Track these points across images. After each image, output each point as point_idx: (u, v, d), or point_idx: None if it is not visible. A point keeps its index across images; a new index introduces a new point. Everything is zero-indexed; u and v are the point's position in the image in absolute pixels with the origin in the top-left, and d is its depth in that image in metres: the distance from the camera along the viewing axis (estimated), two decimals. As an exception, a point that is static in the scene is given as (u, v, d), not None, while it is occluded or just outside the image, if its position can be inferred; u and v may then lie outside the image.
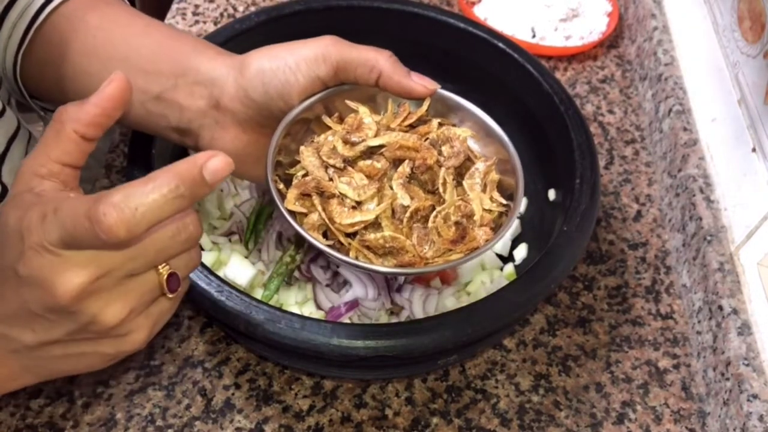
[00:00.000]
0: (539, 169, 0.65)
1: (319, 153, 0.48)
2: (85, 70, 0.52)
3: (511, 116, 0.67)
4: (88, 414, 0.56)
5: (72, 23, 0.53)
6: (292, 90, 0.48)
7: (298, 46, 0.49)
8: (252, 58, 0.49)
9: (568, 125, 0.59)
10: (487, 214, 0.48)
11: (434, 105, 0.51)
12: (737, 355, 0.57)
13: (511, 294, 0.51)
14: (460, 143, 0.49)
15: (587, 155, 0.58)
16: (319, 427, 0.56)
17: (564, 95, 0.62)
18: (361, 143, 0.47)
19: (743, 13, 0.68)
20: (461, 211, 0.47)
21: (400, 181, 0.47)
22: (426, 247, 0.46)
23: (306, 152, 0.48)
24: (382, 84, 0.49)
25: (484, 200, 0.48)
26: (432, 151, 0.48)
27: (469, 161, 0.49)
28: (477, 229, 0.47)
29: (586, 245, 0.55)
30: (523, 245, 0.65)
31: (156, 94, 0.50)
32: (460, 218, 0.46)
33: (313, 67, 0.48)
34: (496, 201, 0.48)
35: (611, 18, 0.91)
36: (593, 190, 0.56)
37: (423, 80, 0.49)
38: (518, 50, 0.65)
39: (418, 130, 0.50)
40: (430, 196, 0.47)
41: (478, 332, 0.49)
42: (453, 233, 0.46)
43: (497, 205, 0.48)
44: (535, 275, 0.51)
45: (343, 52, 0.48)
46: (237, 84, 0.49)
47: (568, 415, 0.59)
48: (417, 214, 0.46)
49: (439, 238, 0.46)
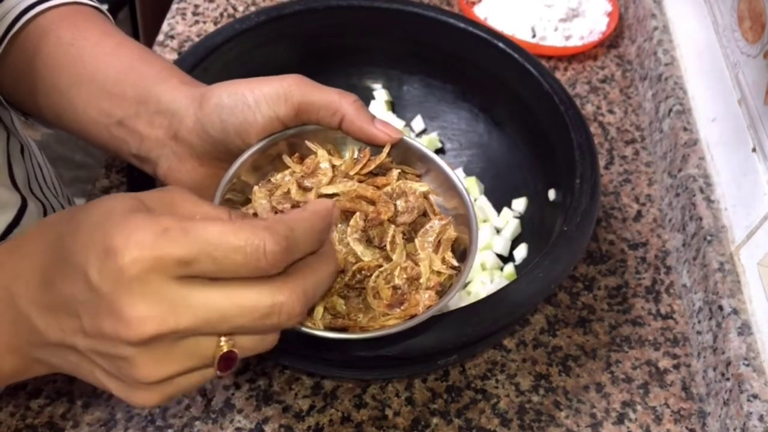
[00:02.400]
0: (539, 169, 0.65)
1: (271, 196, 0.46)
2: (55, 85, 0.51)
3: (512, 116, 0.68)
4: (88, 414, 0.56)
5: (46, 36, 0.52)
6: (250, 128, 0.47)
7: (261, 84, 0.47)
8: (212, 92, 0.47)
9: (568, 125, 0.59)
10: (435, 277, 0.45)
11: (400, 153, 0.49)
12: (737, 355, 0.57)
13: (511, 294, 0.50)
14: (416, 198, 0.47)
15: (587, 155, 0.58)
16: (319, 427, 0.56)
17: (564, 95, 0.62)
18: (313, 190, 0.46)
19: (743, 13, 0.68)
20: (407, 273, 0.44)
21: (355, 235, 0.44)
22: (360, 316, 0.43)
23: (258, 194, 0.46)
24: (344, 128, 0.47)
25: (435, 261, 0.45)
26: (389, 205, 0.46)
27: (424, 216, 0.47)
28: (422, 292, 0.44)
29: (586, 245, 0.55)
30: (523, 245, 0.65)
31: (119, 119, 0.49)
32: (404, 281, 0.44)
33: (273, 107, 0.46)
34: (447, 262, 0.46)
35: (611, 18, 0.91)
36: (593, 190, 0.56)
37: (386, 128, 0.48)
38: (518, 50, 0.65)
39: (376, 180, 0.48)
40: (377, 251, 0.45)
41: (478, 332, 0.49)
42: (390, 297, 0.44)
43: (447, 267, 0.45)
44: (535, 275, 0.51)
45: (306, 94, 0.46)
46: (195, 117, 0.47)
47: (568, 415, 0.59)
48: (360, 272, 0.44)
49: (375, 300, 0.44)
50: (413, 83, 0.73)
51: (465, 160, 0.72)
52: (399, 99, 0.73)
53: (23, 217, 0.57)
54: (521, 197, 0.67)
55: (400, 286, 0.44)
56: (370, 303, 0.44)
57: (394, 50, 0.71)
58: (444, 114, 0.72)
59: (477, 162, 0.71)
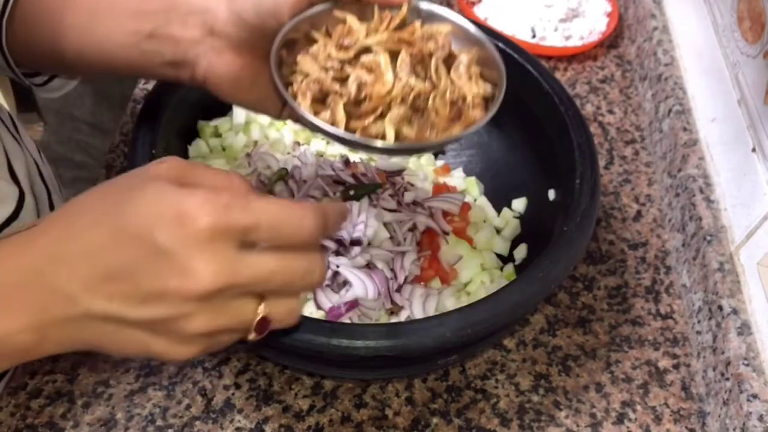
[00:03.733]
0: (539, 169, 0.65)
1: (316, 59, 0.50)
2: (73, 23, 0.53)
3: (512, 117, 0.67)
4: (89, 414, 0.56)
5: None
6: (282, 7, 0.49)
7: None
8: None
9: (568, 125, 0.59)
10: (477, 97, 0.50)
11: (413, 15, 0.53)
12: (737, 355, 0.57)
13: (511, 294, 0.50)
14: (444, 38, 0.52)
15: (587, 155, 0.58)
16: (319, 427, 0.56)
17: (564, 95, 0.62)
18: (356, 45, 0.49)
19: (743, 14, 0.68)
20: (455, 94, 0.49)
21: (406, 69, 0.49)
22: (428, 132, 0.48)
23: (304, 60, 0.50)
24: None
25: (472, 86, 0.51)
26: (425, 43, 0.50)
27: (451, 57, 0.52)
28: (470, 110, 0.50)
29: (586, 245, 0.55)
30: (523, 245, 0.65)
31: (149, 32, 0.51)
32: (456, 98, 0.49)
33: None
34: (482, 87, 0.51)
35: (611, 18, 0.91)
36: (593, 191, 0.56)
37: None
38: (518, 50, 0.65)
39: (404, 30, 0.52)
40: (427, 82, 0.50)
41: (478, 332, 0.49)
42: (450, 112, 0.49)
43: (484, 89, 0.51)
44: (535, 275, 0.51)
45: None
46: (228, 8, 0.50)
47: (568, 414, 0.59)
48: (419, 97, 0.48)
49: (437, 116, 0.48)
50: (413, 84, 0.73)
51: (465, 160, 0.72)
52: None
53: (22, 210, 0.58)
54: (521, 197, 0.67)
55: (456, 101, 0.49)
56: (433, 120, 0.48)
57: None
58: (444, 114, 0.73)
59: (477, 162, 0.71)
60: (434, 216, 0.65)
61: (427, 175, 0.70)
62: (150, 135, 0.57)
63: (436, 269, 0.62)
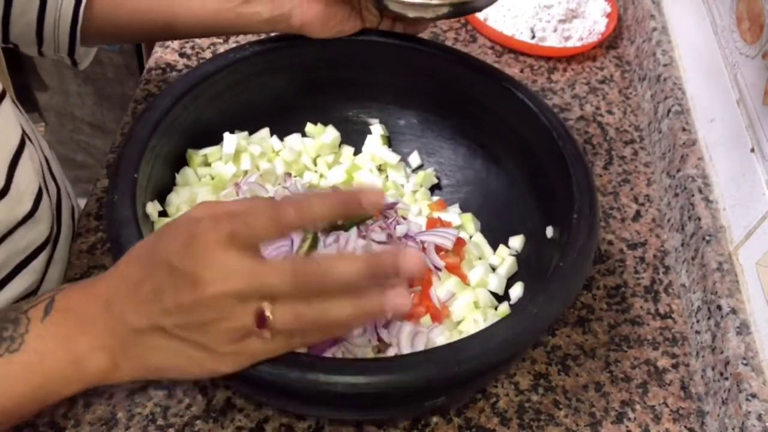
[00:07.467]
0: (537, 206, 0.63)
1: None
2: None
3: (510, 152, 0.66)
4: (89, 413, 0.56)
5: None
6: None
7: None
8: None
9: (566, 160, 0.58)
10: None
11: None
12: (736, 355, 0.57)
13: (501, 330, 0.47)
14: None
15: (585, 191, 0.56)
16: (320, 426, 0.56)
17: (562, 130, 0.60)
18: None
19: (742, 14, 0.68)
20: None
21: None
22: None
23: None
24: None
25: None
26: None
27: None
28: None
29: (582, 282, 0.53)
30: (519, 284, 0.61)
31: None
32: None
33: None
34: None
35: (610, 19, 0.91)
36: (591, 227, 0.54)
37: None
38: (516, 85, 0.63)
39: None
40: None
41: (466, 370, 0.46)
42: None
43: None
44: (528, 312, 0.49)
45: None
46: None
47: (567, 414, 0.59)
48: None
49: None
50: (410, 118, 0.71)
51: (462, 196, 0.69)
52: (395, 134, 0.71)
53: (39, 206, 0.58)
54: (518, 235, 0.64)
55: None
56: None
57: (390, 84, 0.69)
58: (441, 150, 0.70)
59: (474, 199, 0.69)
60: (426, 250, 0.61)
61: (422, 209, 0.67)
62: (137, 157, 0.55)
63: (427, 306, 0.59)
